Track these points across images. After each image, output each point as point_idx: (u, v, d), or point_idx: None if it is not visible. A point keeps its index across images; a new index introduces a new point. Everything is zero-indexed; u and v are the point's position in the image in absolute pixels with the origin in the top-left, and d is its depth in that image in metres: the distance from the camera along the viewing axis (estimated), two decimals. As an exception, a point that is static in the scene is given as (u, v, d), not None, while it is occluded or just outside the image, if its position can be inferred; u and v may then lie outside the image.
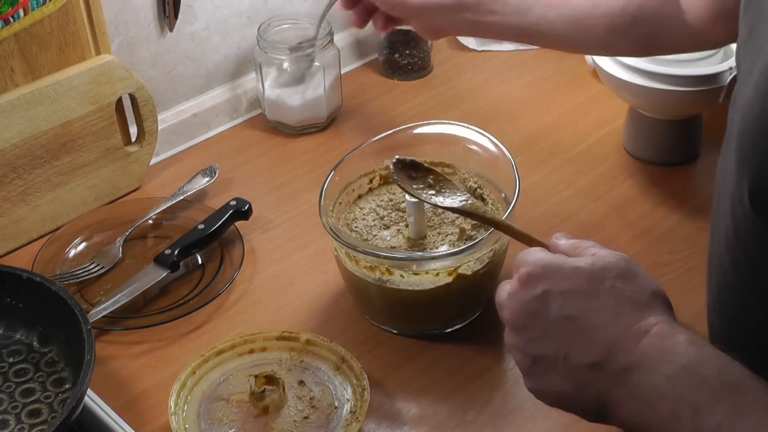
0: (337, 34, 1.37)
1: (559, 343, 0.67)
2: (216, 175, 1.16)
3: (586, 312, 0.66)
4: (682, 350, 0.63)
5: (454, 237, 0.95)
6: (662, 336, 0.64)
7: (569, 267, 0.68)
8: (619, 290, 0.66)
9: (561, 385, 0.68)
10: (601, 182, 1.16)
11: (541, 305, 0.68)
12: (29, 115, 1.04)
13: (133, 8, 1.16)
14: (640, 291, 0.67)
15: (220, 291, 1.02)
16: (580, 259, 0.69)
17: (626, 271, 0.68)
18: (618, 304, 0.66)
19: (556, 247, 0.72)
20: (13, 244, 1.09)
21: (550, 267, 0.68)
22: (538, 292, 0.68)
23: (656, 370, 0.63)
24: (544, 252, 0.71)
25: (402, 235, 0.97)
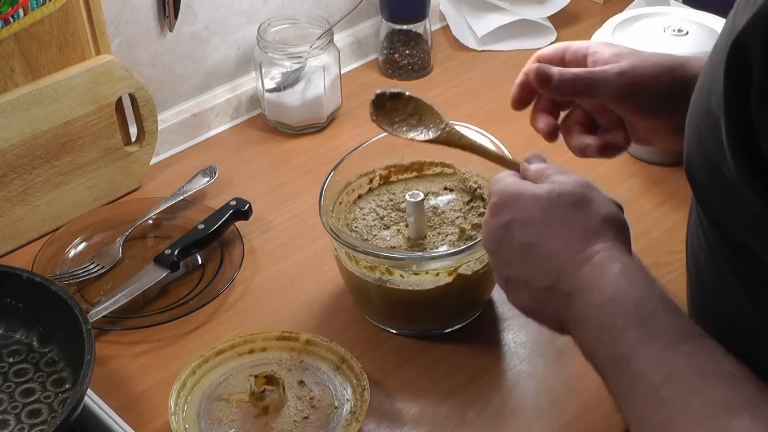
0: (337, 34, 1.37)
1: (521, 268, 0.73)
2: (216, 175, 1.16)
3: (541, 239, 0.72)
4: (612, 280, 0.67)
5: (454, 237, 0.95)
6: (600, 265, 0.69)
7: (529, 195, 0.73)
8: (571, 218, 0.71)
9: (528, 303, 0.75)
10: (601, 182, 1.14)
11: (505, 233, 0.74)
12: (29, 115, 1.04)
13: (133, 8, 1.16)
14: (592, 218, 0.72)
15: (220, 291, 1.02)
16: (540, 187, 0.74)
17: (581, 198, 0.72)
18: (569, 231, 0.71)
19: (525, 171, 0.78)
20: (13, 244, 1.09)
21: (513, 196, 0.74)
22: (503, 221, 0.74)
23: (588, 298, 0.68)
24: (512, 178, 0.76)
25: (402, 235, 0.97)
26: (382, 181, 1.03)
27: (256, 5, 1.28)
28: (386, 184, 1.03)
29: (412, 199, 0.94)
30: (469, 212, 0.98)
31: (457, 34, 1.46)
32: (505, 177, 0.77)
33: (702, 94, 0.63)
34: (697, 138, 0.64)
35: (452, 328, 0.97)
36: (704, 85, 0.63)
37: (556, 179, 0.74)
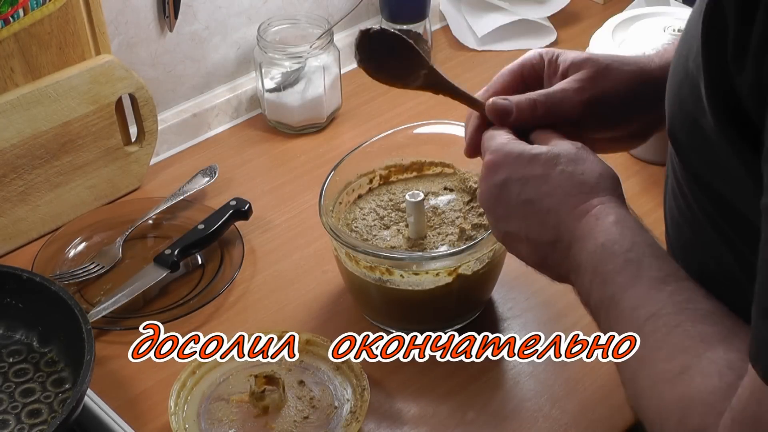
0: (337, 34, 1.37)
1: (520, 223, 0.75)
2: (216, 175, 1.16)
3: (540, 196, 0.74)
4: (605, 229, 0.70)
5: (454, 237, 0.95)
6: (597, 216, 0.71)
7: (527, 155, 0.75)
8: (569, 174, 0.73)
9: (528, 254, 0.77)
10: (601, 182, 1.16)
11: (503, 191, 0.75)
12: (29, 115, 1.04)
13: (133, 8, 1.16)
14: (588, 174, 0.73)
15: (220, 291, 1.02)
16: (537, 147, 0.76)
17: (577, 156, 0.74)
18: (567, 186, 0.73)
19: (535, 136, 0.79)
20: (13, 244, 1.09)
21: (510, 155, 0.75)
22: (500, 179, 0.75)
23: (584, 246, 0.71)
24: (506, 137, 0.77)
25: (402, 235, 0.97)
26: (382, 181, 1.03)
27: (256, 5, 1.28)
28: (386, 184, 1.03)
29: (412, 199, 0.94)
30: (469, 212, 0.98)
31: (457, 34, 1.46)
32: (500, 135, 0.78)
33: (681, 58, 0.65)
34: (678, 99, 0.66)
35: (452, 328, 0.97)
36: (682, 49, 0.65)
37: (556, 142, 0.76)
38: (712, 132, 0.60)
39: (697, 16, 0.61)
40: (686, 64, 0.63)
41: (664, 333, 0.63)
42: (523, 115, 0.80)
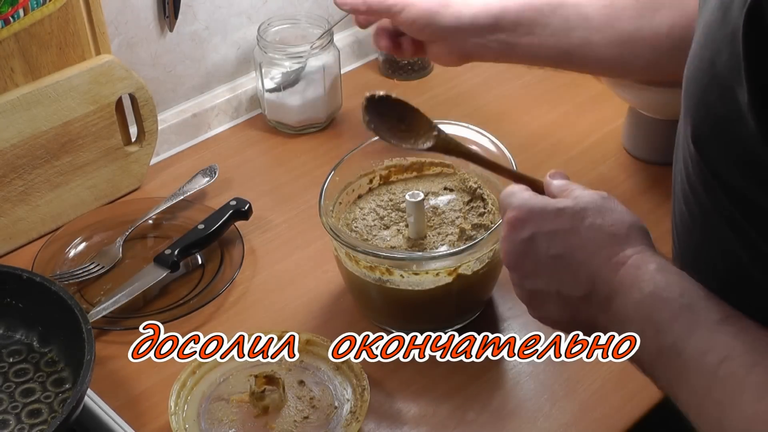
0: (337, 34, 1.37)
1: (550, 279, 0.73)
2: (216, 175, 1.16)
3: (570, 249, 0.72)
4: (650, 277, 0.69)
5: (454, 237, 0.95)
6: (636, 266, 0.70)
7: (552, 209, 0.74)
8: (598, 226, 0.72)
9: (558, 313, 0.74)
10: (601, 182, 1.16)
11: (530, 246, 0.74)
12: (29, 115, 1.04)
13: (133, 8, 1.16)
14: (618, 224, 0.73)
15: (220, 291, 1.02)
16: (562, 201, 0.75)
17: (603, 207, 0.74)
18: (598, 239, 0.72)
19: (549, 186, 0.78)
20: (13, 244, 1.09)
21: (535, 210, 0.74)
22: (526, 235, 0.74)
23: (629, 297, 0.69)
24: (528, 192, 0.77)
25: (402, 235, 0.97)
26: (382, 181, 1.03)
27: (256, 5, 1.28)
28: (386, 184, 1.03)
29: (412, 199, 0.94)
30: (469, 212, 0.98)
31: (457, 34, 1.45)
32: (520, 192, 0.77)
33: (703, 63, 0.64)
34: (704, 105, 0.65)
35: (452, 328, 0.97)
36: (704, 54, 0.64)
37: (578, 194, 0.75)
38: (751, 137, 0.60)
39: (718, 21, 0.61)
40: (712, 69, 0.62)
41: (743, 375, 0.62)
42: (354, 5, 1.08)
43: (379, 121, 0.85)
